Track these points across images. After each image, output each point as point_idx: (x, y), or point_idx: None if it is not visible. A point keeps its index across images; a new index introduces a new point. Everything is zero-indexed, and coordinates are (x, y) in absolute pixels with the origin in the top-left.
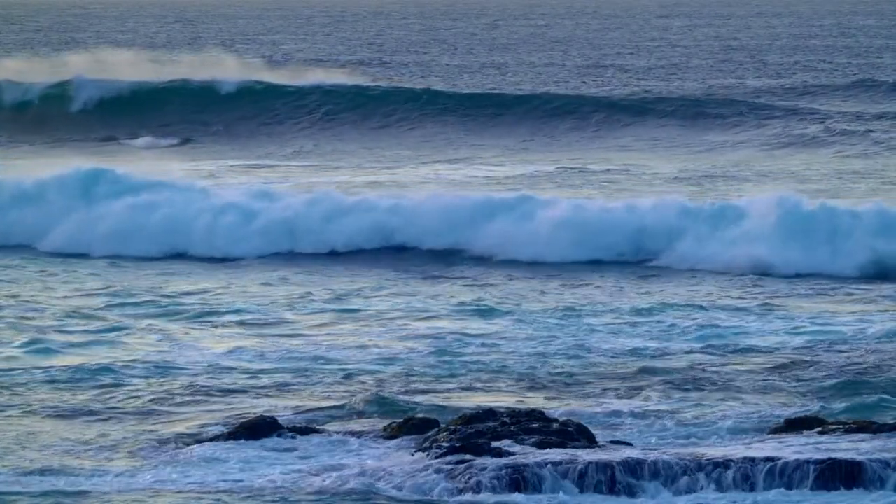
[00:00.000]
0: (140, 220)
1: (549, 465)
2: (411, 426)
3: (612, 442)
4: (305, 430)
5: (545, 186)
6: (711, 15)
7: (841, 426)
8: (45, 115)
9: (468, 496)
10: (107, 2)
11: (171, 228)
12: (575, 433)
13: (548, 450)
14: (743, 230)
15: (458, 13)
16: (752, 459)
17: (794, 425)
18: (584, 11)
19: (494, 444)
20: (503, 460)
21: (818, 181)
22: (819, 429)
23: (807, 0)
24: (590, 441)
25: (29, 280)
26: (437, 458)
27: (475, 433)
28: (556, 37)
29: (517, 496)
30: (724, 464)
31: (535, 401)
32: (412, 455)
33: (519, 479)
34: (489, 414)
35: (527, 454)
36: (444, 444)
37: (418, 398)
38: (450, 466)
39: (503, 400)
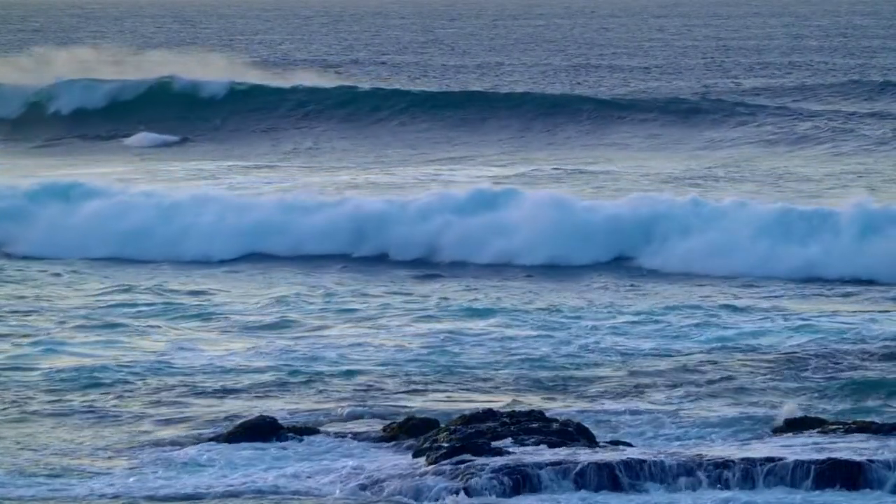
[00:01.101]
0: (116, 224)
1: (548, 465)
2: (411, 426)
3: (612, 442)
4: (305, 431)
5: (537, 185)
6: (709, 15)
7: (841, 426)
8: (37, 116)
9: (468, 497)
10: (105, 2)
11: (157, 231)
12: (575, 433)
13: (548, 450)
14: (738, 230)
15: (456, 13)
16: (752, 459)
17: (794, 425)
18: (582, 11)
19: (494, 444)
20: (503, 460)
21: (810, 180)
22: (819, 429)
23: (805, 0)
24: (590, 441)
25: (26, 280)
26: (436, 458)
27: (475, 433)
28: (554, 37)
29: (517, 496)
30: (724, 464)
31: (535, 401)
32: (412, 455)
33: (519, 480)
34: (489, 414)
35: (526, 454)
36: (444, 445)
37: (417, 398)
38: (450, 467)
39: (503, 400)
